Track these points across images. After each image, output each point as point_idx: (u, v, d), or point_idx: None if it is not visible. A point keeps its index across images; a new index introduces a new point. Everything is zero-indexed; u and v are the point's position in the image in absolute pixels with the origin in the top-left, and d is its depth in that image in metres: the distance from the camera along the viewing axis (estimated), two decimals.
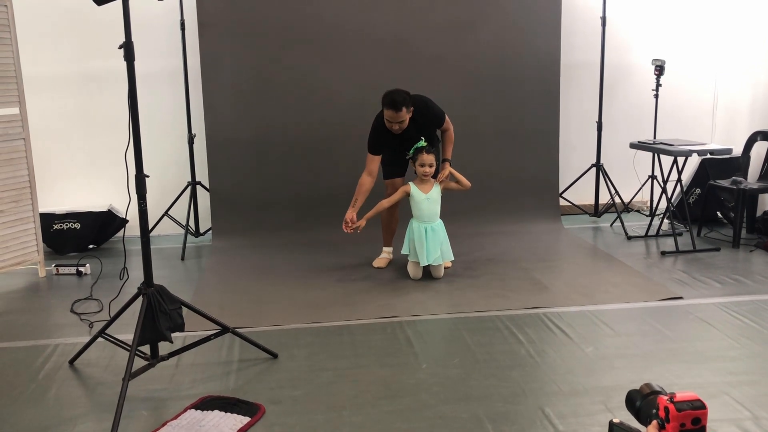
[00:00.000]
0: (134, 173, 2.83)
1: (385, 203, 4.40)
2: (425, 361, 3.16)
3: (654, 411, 1.59)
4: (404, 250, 4.40)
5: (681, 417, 1.51)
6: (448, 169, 4.36)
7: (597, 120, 5.90)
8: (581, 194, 6.03)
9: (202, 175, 5.42)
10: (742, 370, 3.03)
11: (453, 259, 4.50)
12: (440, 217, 4.40)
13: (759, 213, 5.41)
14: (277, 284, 4.34)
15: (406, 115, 4.19)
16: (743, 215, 5.11)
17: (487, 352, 3.25)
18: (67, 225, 5.18)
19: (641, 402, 1.66)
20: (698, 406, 1.59)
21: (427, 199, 4.33)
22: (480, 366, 3.10)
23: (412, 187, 4.35)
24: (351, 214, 4.29)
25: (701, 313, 3.72)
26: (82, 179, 5.53)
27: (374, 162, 4.40)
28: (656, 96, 5.49)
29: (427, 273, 4.40)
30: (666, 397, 1.57)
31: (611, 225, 5.76)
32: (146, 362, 2.91)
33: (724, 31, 6.10)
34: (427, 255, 4.28)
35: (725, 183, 5.20)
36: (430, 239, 4.29)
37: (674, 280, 4.28)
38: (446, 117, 4.43)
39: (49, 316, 3.87)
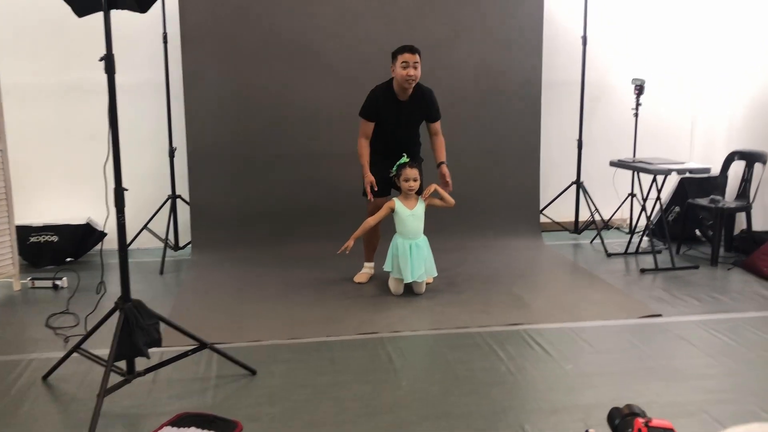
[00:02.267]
0: (113, 186, 2.81)
1: (372, 221, 4.38)
2: (405, 378, 3.14)
3: (629, 431, 1.65)
4: (386, 267, 4.38)
5: None
6: (432, 185, 4.37)
7: (577, 138, 5.95)
8: (562, 211, 6.07)
9: (183, 189, 5.38)
10: (720, 388, 3.04)
11: (436, 275, 4.49)
12: (423, 233, 4.40)
13: (736, 231, 5.47)
14: (257, 299, 4.30)
15: (419, 63, 4.26)
16: (721, 233, 5.16)
17: (468, 369, 3.23)
18: (44, 238, 5.11)
19: (620, 421, 1.71)
20: None
21: (411, 215, 4.32)
22: (460, 383, 3.08)
23: (397, 203, 4.34)
24: (371, 177, 4.32)
25: (680, 330, 3.74)
26: (61, 191, 5.46)
27: (369, 127, 4.41)
28: (636, 115, 5.55)
29: (409, 289, 4.39)
30: (642, 420, 1.61)
31: (591, 242, 5.79)
32: (122, 378, 2.86)
33: (702, 52, 6.20)
34: (412, 271, 4.26)
35: (704, 201, 5.26)
36: (414, 255, 4.29)
37: (654, 298, 4.31)
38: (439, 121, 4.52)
39: (23, 330, 3.80)
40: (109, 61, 2.69)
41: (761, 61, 5.50)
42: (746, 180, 5.30)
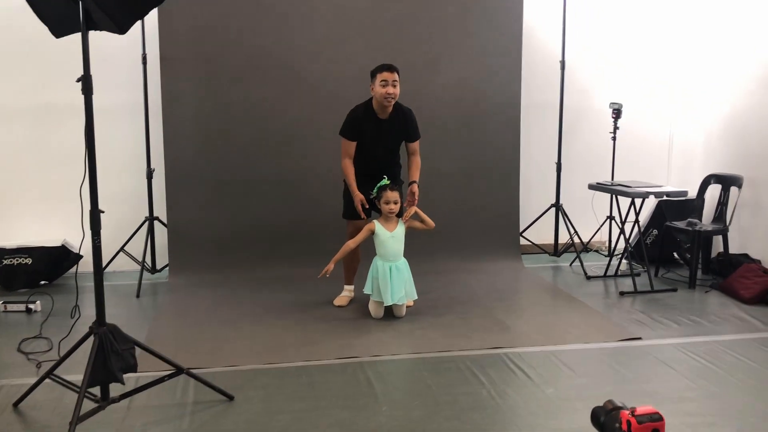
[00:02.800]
0: (89, 208, 2.76)
1: (352, 244, 4.36)
2: (386, 403, 3.10)
3: (617, 425, 1.67)
4: (366, 289, 4.36)
5: (642, 429, 1.58)
6: (413, 208, 4.36)
7: (556, 161, 5.99)
8: (541, 234, 6.09)
9: (160, 211, 5.32)
10: (699, 411, 3.05)
11: (416, 297, 4.46)
12: (403, 256, 4.38)
13: (713, 254, 5.52)
14: (235, 323, 4.25)
15: (398, 81, 4.28)
16: (699, 256, 5.21)
17: (449, 393, 3.21)
18: (17, 260, 5.02)
19: (605, 417, 1.73)
20: (656, 418, 1.66)
21: (392, 237, 4.31)
22: (441, 408, 3.05)
23: (377, 225, 4.33)
24: (360, 195, 4.32)
25: (660, 353, 3.74)
26: (36, 213, 5.38)
27: (351, 147, 4.40)
28: (614, 138, 5.61)
29: (389, 312, 4.36)
30: (627, 411, 1.63)
31: (571, 264, 5.81)
32: (96, 404, 2.80)
33: (679, 76, 6.29)
34: (392, 294, 4.24)
35: (681, 224, 5.31)
36: (394, 278, 4.26)
37: (633, 321, 4.32)
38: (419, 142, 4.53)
39: None
40: (86, 82, 2.66)
41: (736, 85, 5.60)
42: (722, 203, 5.37)
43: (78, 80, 2.67)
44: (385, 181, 4.29)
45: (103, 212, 2.80)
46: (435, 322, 4.26)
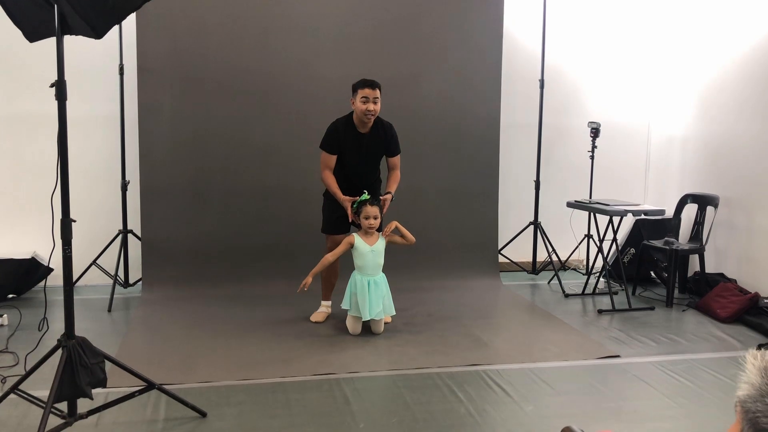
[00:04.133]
0: (60, 218, 2.68)
1: (330, 257, 4.31)
2: (363, 421, 3.04)
3: None
4: (344, 305, 4.30)
5: None
6: (394, 223, 4.32)
7: (535, 179, 6.00)
8: (520, 252, 6.09)
9: (134, 224, 5.22)
10: (678, 429, 3.03)
11: (394, 313, 4.41)
12: (382, 271, 4.34)
13: (690, 273, 5.55)
14: (209, 338, 4.16)
15: (379, 98, 4.25)
16: (676, 275, 5.23)
17: (427, 410, 3.15)
18: None
19: None
20: None
21: (371, 252, 4.26)
22: (419, 425, 3.00)
23: (357, 239, 4.28)
24: (347, 199, 4.27)
25: (638, 371, 3.73)
26: (5, 224, 5.26)
27: (331, 160, 4.36)
28: (592, 157, 5.63)
29: (367, 328, 4.30)
30: None
31: (549, 282, 5.80)
32: (63, 421, 2.71)
33: (656, 97, 6.37)
34: (370, 309, 4.19)
35: (658, 243, 5.33)
36: (372, 293, 4.21)
37: (611, 338, 4.31)
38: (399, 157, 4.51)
39: None
40: (60, 87, 2.59)
41: (713, 105, 5.66)
42: (699, 223, 5.41)
43: (51, 86, 2.60)
44: (365, 196, 4.26)
45: (74, 221, 2.73)
46: (413, 338, 4.21)
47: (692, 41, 5.92)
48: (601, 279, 5.46)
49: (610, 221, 5.16)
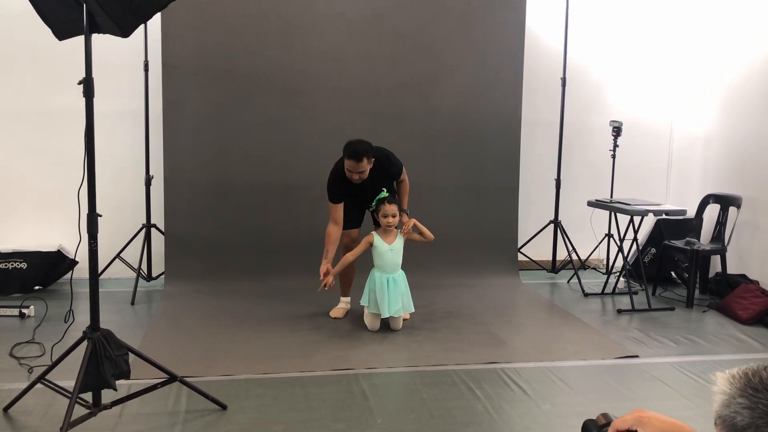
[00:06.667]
0: (86, 212, 2.75)
1: (350, 257, 4.35)
2: (380, 416, 3.07)
3: None
4: (363, 301, 4.33)
5: None
6: (412, 220, 4.34)
7: (555, 177, 5.99)
8: (539, 250, 6.07)
9: (158, 218, 5.30)
10: (696, 430, 3.01)
11: (413, 310, 4.44)
12: (401, 268, 4.36)
13: (711, 274, 5.51)
14: (230, 332, 4.22)
15: (366, 165, 4.19)
16: (696, 276, 5.19)
17: (444, 407, 3.18)
18: (12, 264, 4.99)
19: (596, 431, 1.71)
20: None
21: (390, 250, 4.29)
22: (436, 422, 3.02)
23: (376, 238, 4.31)
24: (325, 266, 4.25)
25: (656, 372, 3.72)
26: (33, 218, 5.35)
27: (337, 210, 4.38)
28: (613, 156, 5.61)
29: (385, 324, 4.33)
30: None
31: (568, 281, 5.79)
32: (87, 411, 2.77)
33: (679, 96, 6.31)
34: (389, 306, 4.21)
35: (679, 243, 5.30)
36: (391, 290, 4.24)
37: (630, 339, 4.30)
38: (403, 168, 4.47)
39: None
40: (88, 84, 2.65)
41: (738, 105, 5.61)
42: (721, 223, 5.36)
43: (79, 83, 2.66)
44: (384, 194, 4.28)
45: (100, 216, 2.79)
46: (431, 335, 4.24)
47: (717, 40, 5.86)
48: (621, 279, 5.44)
49: (631, 221, 5.13)
